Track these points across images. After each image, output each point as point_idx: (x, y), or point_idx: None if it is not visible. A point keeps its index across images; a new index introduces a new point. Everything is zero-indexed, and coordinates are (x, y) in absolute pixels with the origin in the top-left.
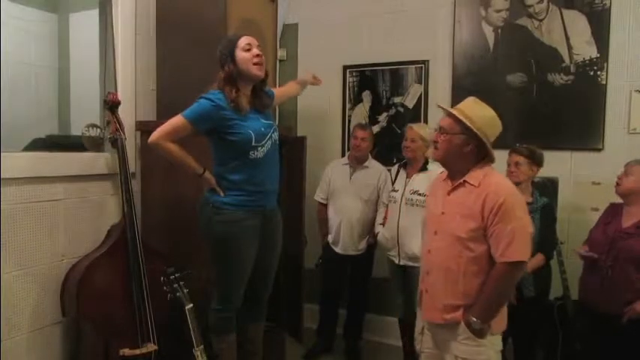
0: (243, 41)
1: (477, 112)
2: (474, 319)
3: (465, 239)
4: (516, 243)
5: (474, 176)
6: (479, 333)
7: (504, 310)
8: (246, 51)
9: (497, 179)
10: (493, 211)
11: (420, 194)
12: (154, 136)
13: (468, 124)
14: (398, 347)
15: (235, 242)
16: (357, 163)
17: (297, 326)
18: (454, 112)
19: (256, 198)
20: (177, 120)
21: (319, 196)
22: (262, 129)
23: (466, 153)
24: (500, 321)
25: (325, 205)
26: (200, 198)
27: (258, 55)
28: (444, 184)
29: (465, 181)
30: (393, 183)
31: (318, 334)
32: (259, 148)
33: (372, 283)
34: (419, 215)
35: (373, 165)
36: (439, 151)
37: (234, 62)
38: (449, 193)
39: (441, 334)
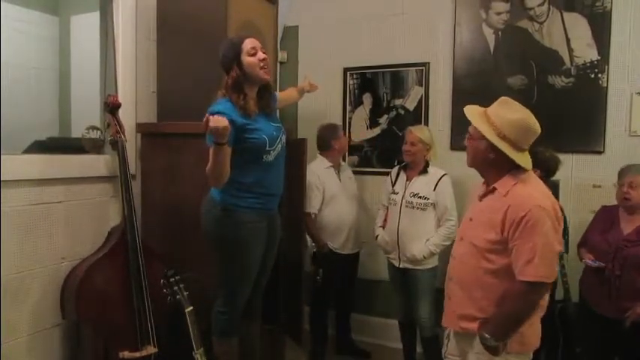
0: (247, 45)
1: (501, 115)
2: (487, 336)
3: (483, 249)
4: (536, 262)
5: (504, 184)
6: (492, 350)
7: (532, 331)
8: (252, 55)
9: (528, 190)
10: (514, 225)
11: (420, 197)
12: (214, 184)
13: (483, 130)
14: (398, 349)
15: (246, 244)
16: (339, 163)
17: (298, 328)
18: (472, 117)
19: (264, 201)
20: (211, 151)
21: (315, 208)
22: (274, 133)
23: (493, 159)
24: (521, 341)
25: (315, 216)
26: (204, 199)
27: (264, 59)
28: (480, 189)
29: (494, 188)
30: (393, 185)
31: (314, 338)
32: (271, 152)
33: (373, 285)
34: (419, 218)
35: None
36: (468, 157)
37: (240, 67)
38: (480, 199)
39: (461, 343)
